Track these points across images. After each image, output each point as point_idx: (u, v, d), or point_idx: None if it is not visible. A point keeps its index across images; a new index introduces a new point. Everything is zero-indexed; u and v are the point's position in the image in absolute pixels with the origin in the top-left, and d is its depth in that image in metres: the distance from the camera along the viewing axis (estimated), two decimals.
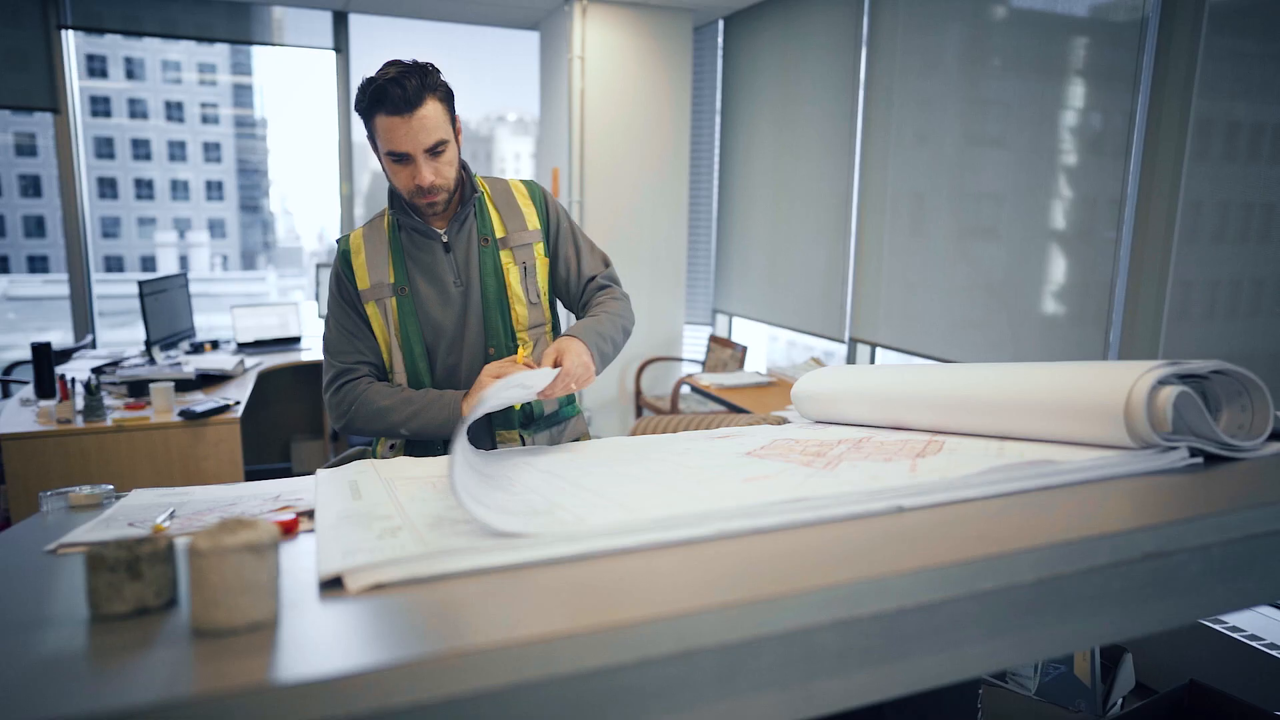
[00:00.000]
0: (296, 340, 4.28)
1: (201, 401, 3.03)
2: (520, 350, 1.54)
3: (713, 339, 4.64)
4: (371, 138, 1.52)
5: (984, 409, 1.23)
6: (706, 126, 5.06)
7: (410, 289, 1.59)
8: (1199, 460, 1.05)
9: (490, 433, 1.63)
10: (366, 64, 4.90)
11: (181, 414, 2.89)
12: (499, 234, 1.63)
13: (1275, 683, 2.02)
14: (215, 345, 4.09)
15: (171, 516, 1.07)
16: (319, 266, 4.39)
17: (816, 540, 0.81)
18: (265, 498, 1.17)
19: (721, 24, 4.86)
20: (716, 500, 0.91)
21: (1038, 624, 0.77)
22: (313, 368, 4.30)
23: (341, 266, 1.62)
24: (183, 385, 3.24)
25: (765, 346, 5.33)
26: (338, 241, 1.67)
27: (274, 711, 0.51)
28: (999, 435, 1.22)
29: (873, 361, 3.92)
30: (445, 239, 1.60)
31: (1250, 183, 2.30)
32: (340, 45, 4.80)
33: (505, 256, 1.62)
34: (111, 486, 1.27)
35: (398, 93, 1.42)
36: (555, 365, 1.43)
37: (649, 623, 0.61)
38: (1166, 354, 2.46)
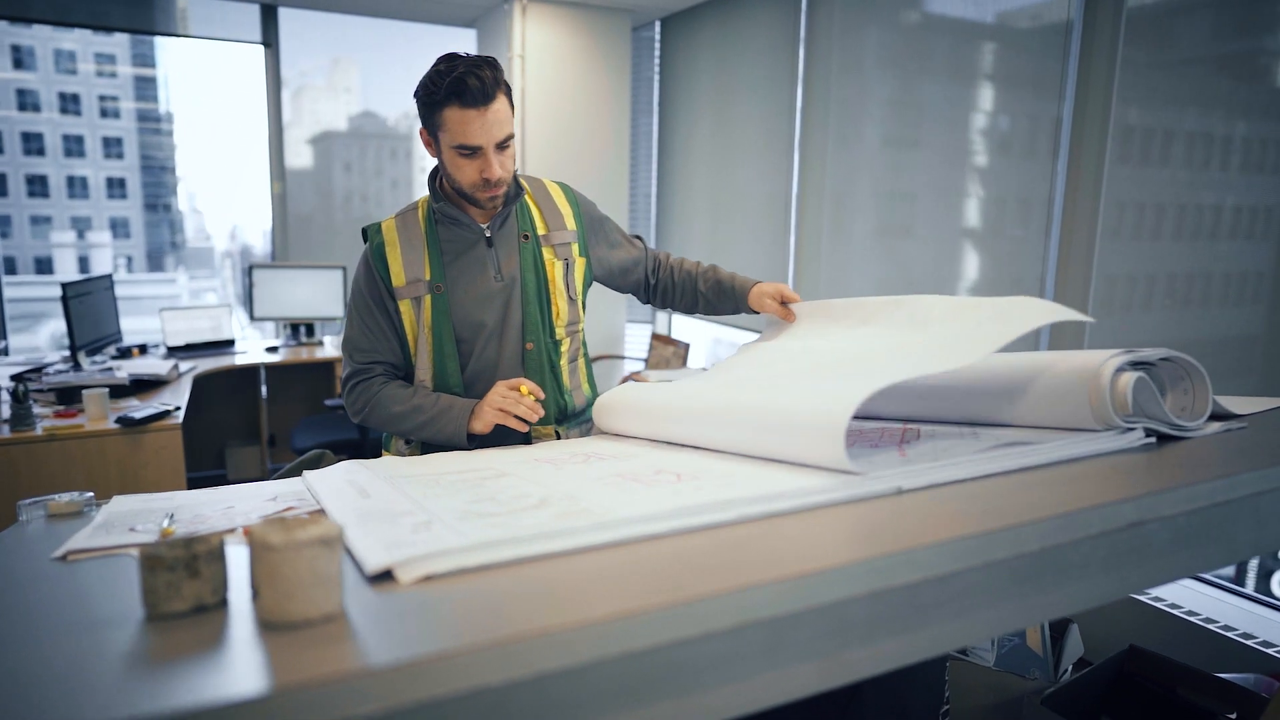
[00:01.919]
0: (230, 343, 4.15)
1: (138, 408, 2.92)
2: (562, 344, 1.65)
3: (655, 337, 4.70)
4: (433, 129, 1.50)
5: (956, 396, 1.31)
6: (645, 126, 5.11)
7: (446, 286, 1.58)
8: (1152, 440, 1.15)
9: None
10: (298, 59, 4.78)
11: (119, 421, 2.78)
12: (540, 231, 1.64)
13: (1200, 648, 2.19)
14: (144, 350, 3.94)
15: (172, 520, 1.06)
16: (253, 268, 4.26)
17: (833, 521, 0.86)
18: (262, 499, 1.16)
19: (658, 25, 4.93)
20: (735, 487, 0.95)
21: (1035, 591, 0.84)
22: (249, 371, 4.18)
23: (375, 261, 1.58)
24: (115, 391, 3.12)
25: (708, 345, 5.42)
26: (366, 232, 1.63)
27: (381, 693, 0.53)
28: (969, 421, 1.31)
29: None
30: (488, 233, 1.60)
31: (1163, 185, 2.48)
32: (269, 40, 4.67)
33: (547, 253, 1.63)
34: (91, 494, 1.23)
35: (476, 85, 1.42)
36: (783, 303, 1.66)
37: (712, 598, 0.65)
38: (1091, 346, 2.63)
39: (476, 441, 1.54)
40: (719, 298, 1.79)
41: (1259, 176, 2.30)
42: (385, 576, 0.73)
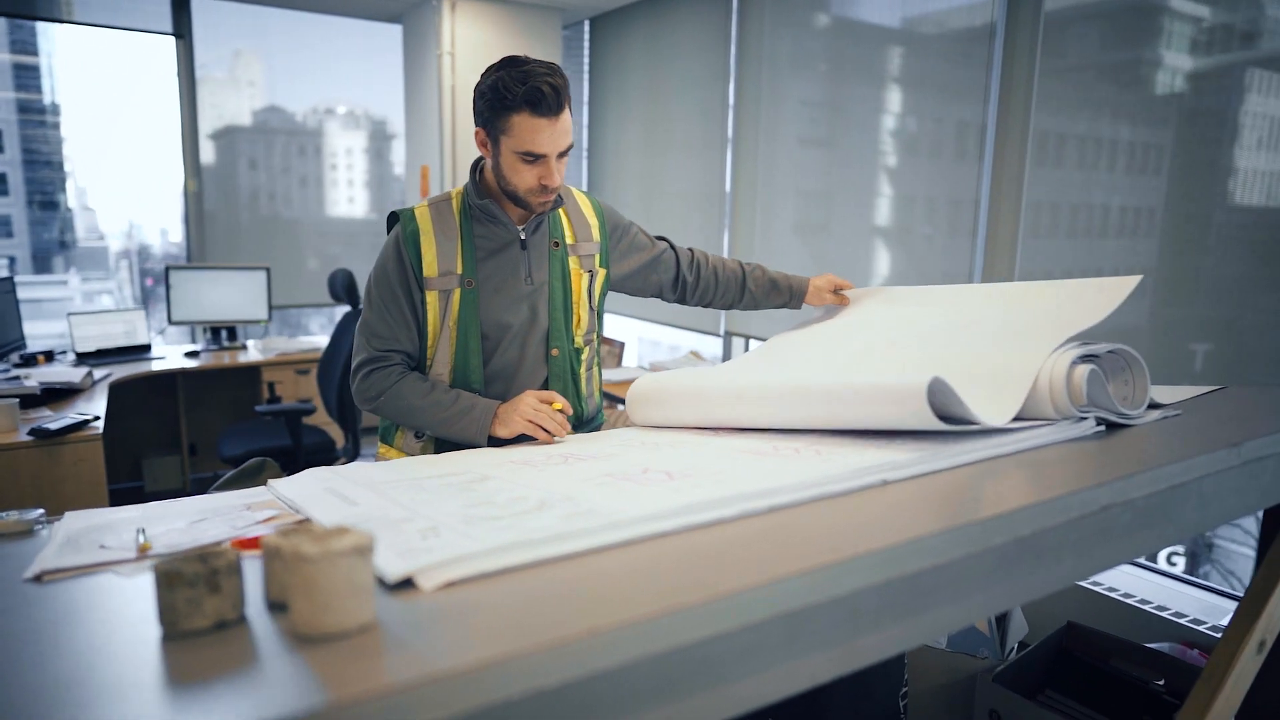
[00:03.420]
0: (146, 348, 3.95)
1: (52, 418, 2.76)
2: (583, 352, 1.67)
3: None
4: (496, 132, 1.48)
5: None
6: (575, 126, 5.10)
7: (476, 282, 1.57)
8: (1102, 428, 1.23)
9: None
10: (211, 51, 4.57)
11: (32, 433, 2.62)
12: (569, 240, 1.65)
13: (1124, 621, 2.34)
14: (50, 356, 3.71)
15: (145, 535, 1.01)
16: (169, 269, 4.06)
17: (833, 513, 0.89)
18: (236, 509, 1.12)
19: (587, 25, 4.92)
20: (730, 484, 0.98)
21: (1020, 573, 0.89)
22: (167, 377, 3.99)
23: (407, 248, 1.55)
24: (24, 401, 2.93)
25: (637, 345, 5.45)
26: (397, 217, 1.59)
27: (445, 700, 0.52)
28: None
29: (747, 351, 4.11)
30: (523, 236, 1.60)
31: (1077, 186, 2.63)
32: (181, 30, 4.45)
33: (573, 263, 1.64)
34: (41, 510, 1.17)
35: (550, 95, 1.43)
36: (835, 290, 1.86)
37: (746, 592, 0.66)
38: None
39: (494, 444, 1.54)
40: (767, 295, 1.89)
41: (1141, 178, 2.48)
42: (402, 583, 0.73)
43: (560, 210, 1.66)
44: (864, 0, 3.28)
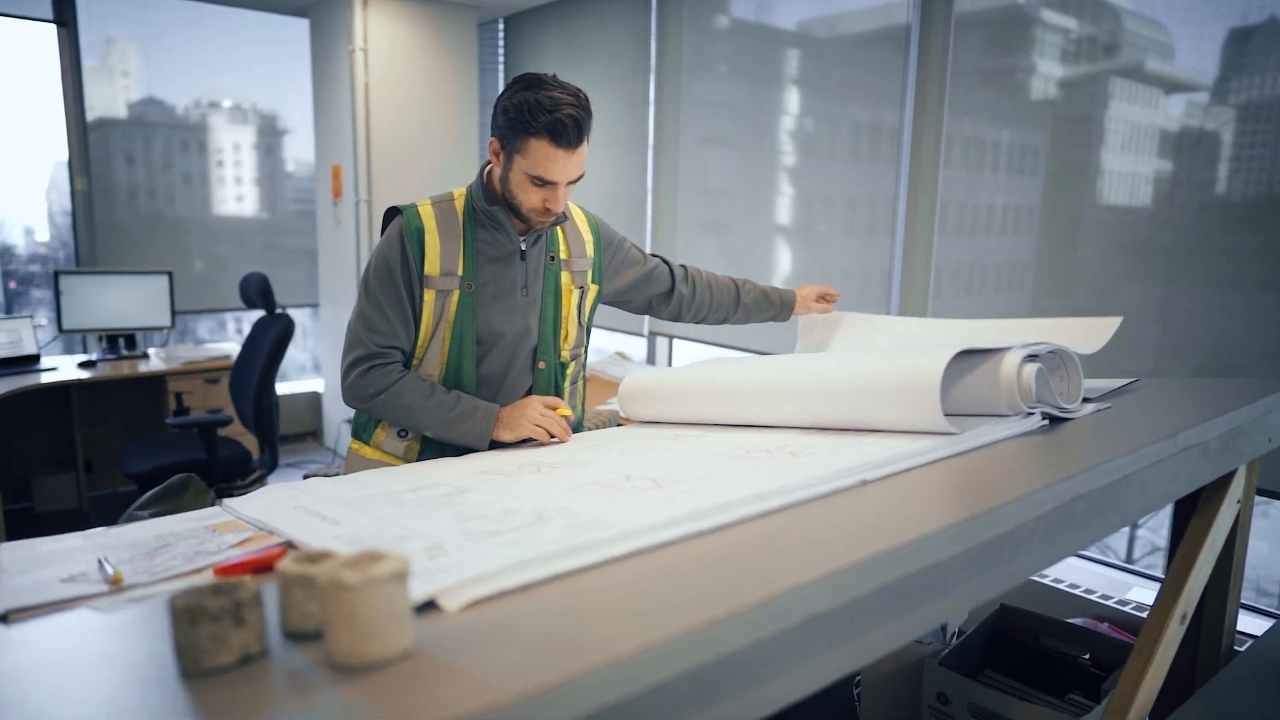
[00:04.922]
0: (35, 359, 3.67)
1: None
2: (568, 366, 1.68)
3: None
4: (510, 150, 1.48)
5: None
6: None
7: (475, 286, 1.56)
8: (1046, 422, 1.31)
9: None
10: (85, 37, 4.26)
11: None
12: (563, 255, 1.65)
13: (1046, 599, 2.49)
14: None
15: (110, 564, 0.95)
16: (59, 274, 3.78)
17: (828, 515, 0.92)
18: (196, 534, 1.06)
19: (502, 23, 4.86)
20: (721, 489, 0.99)
21: (999, 564, 0.94)
22: (59, 390, 3.73)
23: (411, 243, 1.52)
24: None
25: None
26: (400, 212, 1.56)
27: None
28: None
29: (670, 352, 4.15)
30: (523, 247, 1.59)
31: (985, 187, 2.79)
32: (64, 18, 4.16)
33: (565, 278, 1.64)
34: None
35: (573, 129, 1.43)
36: (820, 299, 1.97)
37: (782, 596, 0.68)
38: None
39: (494, 448, 1.54)
40: (759, 308, 1.96)
41: (1020, 178, 2.67)
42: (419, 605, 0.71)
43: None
44: (786, 3, 3.37)
